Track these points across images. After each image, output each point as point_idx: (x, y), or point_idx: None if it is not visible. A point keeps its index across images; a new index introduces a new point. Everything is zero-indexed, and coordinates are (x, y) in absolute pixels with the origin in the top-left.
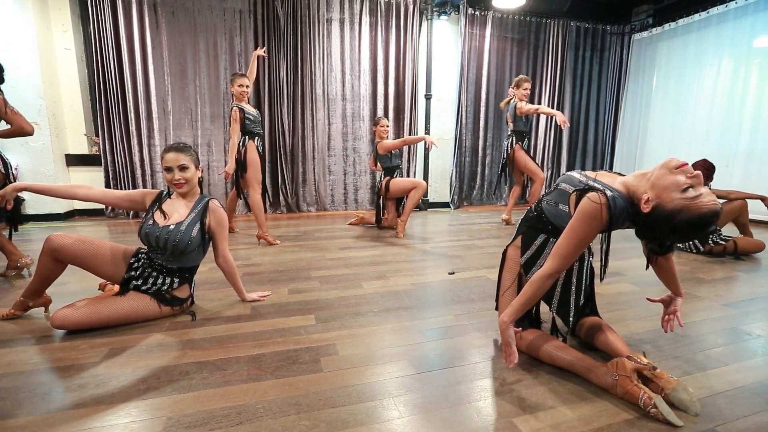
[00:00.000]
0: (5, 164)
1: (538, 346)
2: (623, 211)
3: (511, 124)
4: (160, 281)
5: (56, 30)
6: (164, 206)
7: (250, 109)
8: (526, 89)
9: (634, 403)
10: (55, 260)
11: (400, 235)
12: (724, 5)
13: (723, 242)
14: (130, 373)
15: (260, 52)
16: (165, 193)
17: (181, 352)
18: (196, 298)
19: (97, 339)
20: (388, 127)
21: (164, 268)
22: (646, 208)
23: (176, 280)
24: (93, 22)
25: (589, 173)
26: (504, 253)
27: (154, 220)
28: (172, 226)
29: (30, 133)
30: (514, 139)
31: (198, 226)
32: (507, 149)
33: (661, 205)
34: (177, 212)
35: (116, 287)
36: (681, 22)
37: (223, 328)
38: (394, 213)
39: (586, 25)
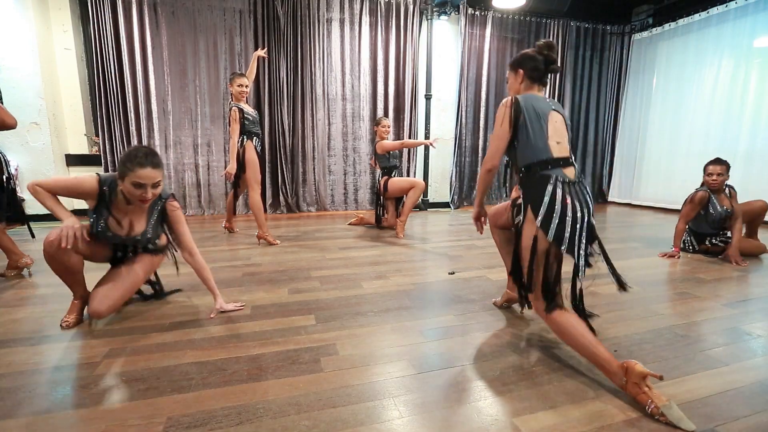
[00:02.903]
0: (2, 161)
1: (565, 328)
2: (526, 98)
3: None
4: (141, 249)
5: (56, 30)
6: (117, 213)
7: (249, 109)
8: None
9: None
10: (60, 260)
11: (400, 235)
12: (724, 5)
13: (721, 244)
14: (130, 373)
15: (261, 53)
16: (106, 190)
17: (181, 352)
18: (195, 298)
19: (97, 339)
20: (389, 127)
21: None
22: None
23: (155, 242)
24: (93, 22)
25: None
26: (518, 235)
27: (111, 231)
28: (138, 237)
29: (12, 126)
30: None
31: (160, 226)
32: None
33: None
34: (136, 222)
35: None
36: (681, 22)
37: (223, 328)
38: (394, 213)
39: (586, 25)
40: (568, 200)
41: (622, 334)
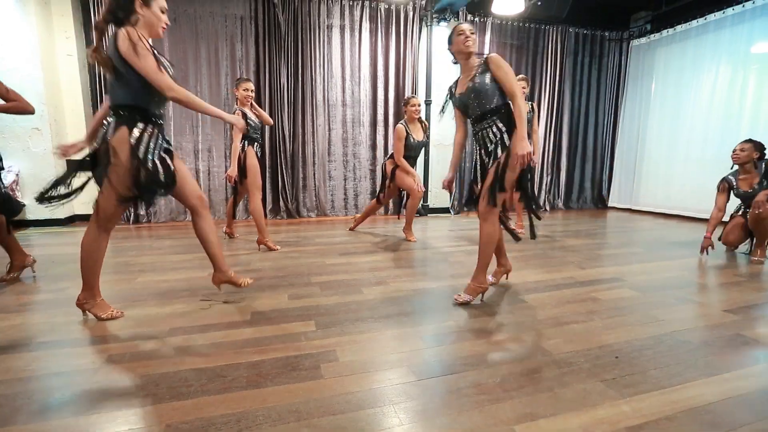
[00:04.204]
0: None
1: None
2: None
3: None
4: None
5: (59, 36)
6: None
7: (252, 115)
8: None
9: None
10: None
11: (413, 239)
12: (722, 12)
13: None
14: (128, 380)
15: None
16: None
17: (180, 358)
18: (194, 303)
19: (96, 345)
20: (419, 106)
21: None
22: None
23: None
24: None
25: None
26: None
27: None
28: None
29: (31, 112)
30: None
31: None
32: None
33: None
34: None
35: None
36: (679, 28)
37: (223, 334)
38: (390, 197)
39: (585, 32)
40: None
41: (623, 340)
